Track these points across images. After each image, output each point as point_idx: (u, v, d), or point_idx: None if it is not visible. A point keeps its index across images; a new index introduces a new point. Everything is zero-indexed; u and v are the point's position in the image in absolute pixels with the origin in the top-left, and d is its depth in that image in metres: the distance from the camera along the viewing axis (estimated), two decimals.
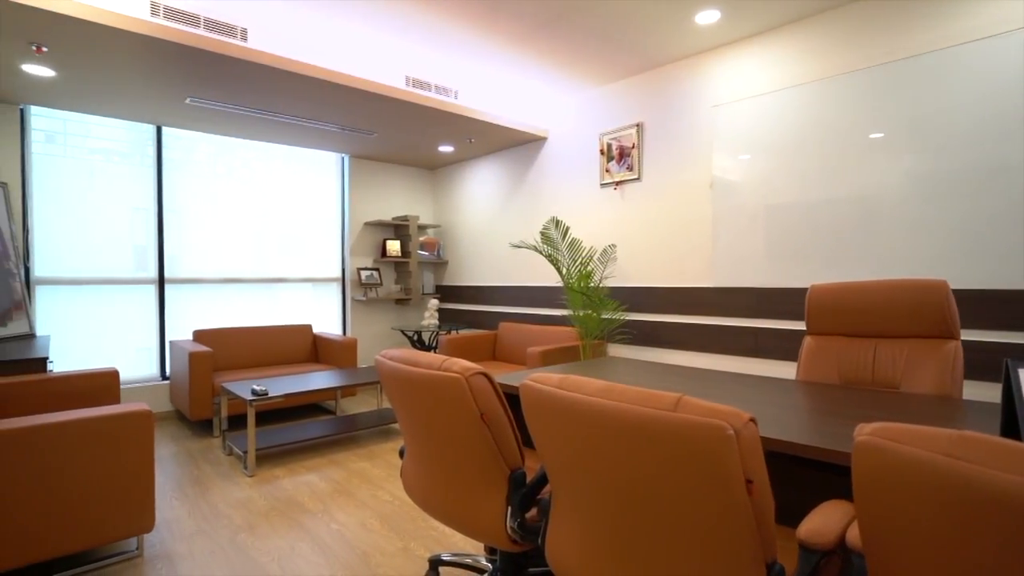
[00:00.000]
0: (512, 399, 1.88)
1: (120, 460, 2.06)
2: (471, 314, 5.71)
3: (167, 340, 4.50)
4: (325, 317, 5.51)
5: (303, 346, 4.91)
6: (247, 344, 4.58)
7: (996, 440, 0.65)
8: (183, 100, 3.76)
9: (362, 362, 5.62)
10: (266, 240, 5.06)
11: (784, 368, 3.24)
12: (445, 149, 5.27)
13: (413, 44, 3.55)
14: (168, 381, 4.47)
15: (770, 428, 1.27)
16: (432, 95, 3.99)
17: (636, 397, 0.92)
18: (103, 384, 2.84)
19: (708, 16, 3.11)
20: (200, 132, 4.59)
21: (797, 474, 1.52)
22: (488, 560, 2.00)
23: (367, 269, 5.64)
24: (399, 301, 5.95)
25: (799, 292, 3.16)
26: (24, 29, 2.70)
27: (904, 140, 2.75)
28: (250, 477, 3.09)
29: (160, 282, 4.47)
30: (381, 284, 5.73)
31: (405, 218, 5.64)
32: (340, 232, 5.60)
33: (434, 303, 5.45)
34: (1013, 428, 1.09)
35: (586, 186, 4.45)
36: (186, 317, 4.62)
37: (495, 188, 5.39)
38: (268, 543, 2.32)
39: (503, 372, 3.78)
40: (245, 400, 3.14)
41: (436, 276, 6.26)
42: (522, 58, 3.74)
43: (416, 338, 5.55)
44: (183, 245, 4.58)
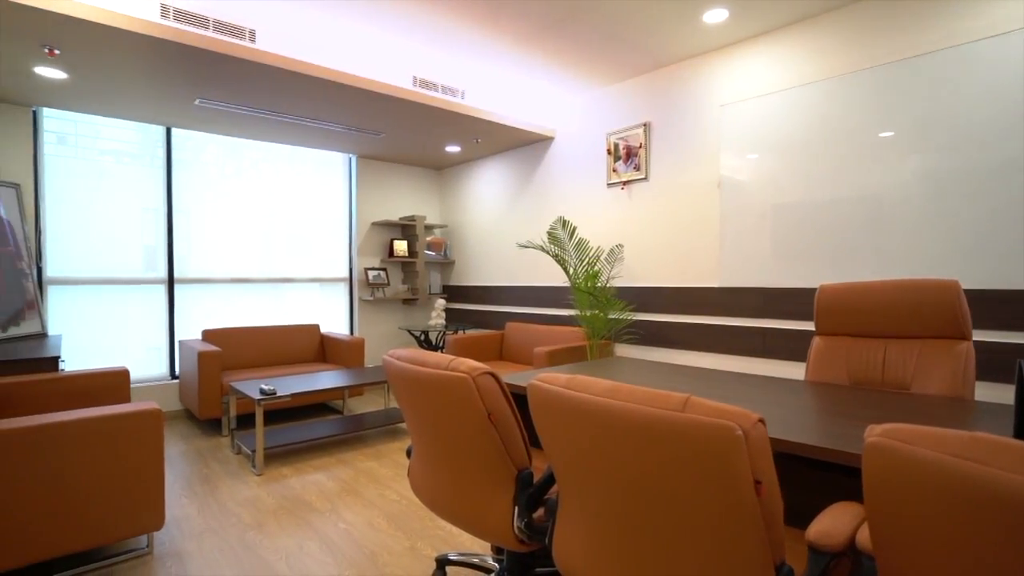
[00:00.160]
0: (519, 399, 1.88)
1: (131, 459, 2.09)
2: (478, 314, 5.72)
3: (176, 339, 4.54)
4: (332, 317, 5.53)
5: (311, 346, 4.94)
6: (255, 344, 4.61)
7: (1009, 442, 0.64)
8: (192, 101, 3.80)
9: (369, 362, 5.65)
10: (274, 240, 5.09)
11: (792, 369, 3.22)
12: (452, 149, 5.28)
13: (420, 44, 3.56)
14: (177, 380, 4.50)
15: (779, 429, 1.26)
16: (439, 95, 4.00)
17: (644, 397, 0.91)
18: (114, 383, 2.87)
19: (716, 15, 3.09)
20: (209, 133, 4.62)
21: (806, 475, 1.51)
22: (495, 560, 2.00)
23: (374, 269, 5.66)
24: (406, 301, 5.97)
25: (807, 292, 3.14)
26: (37, 32, 2.73)
27: (914, 139, 2.72)
28: (258, 476, 3.11)
29: (169, 282, 4.50)
30: (388, 284, 5.74)
31: (412, 218, 5.66)
32: (347, 232, 5.62)
33: (441, 303, 5.47)
34: None
35: (593, 186, 4.44)
36: (195, 317, 4.66)
37: (502, 188, 5.39)
38: (276, 541, 2.33)
39: (510, 372, 3.78)
40: (253, 399, 3.17)
41: (443, 276, 6.27)
42: (529, 58, 3.74)
43: (423, 338, 5.57)
44: (192, 245, 4.62)
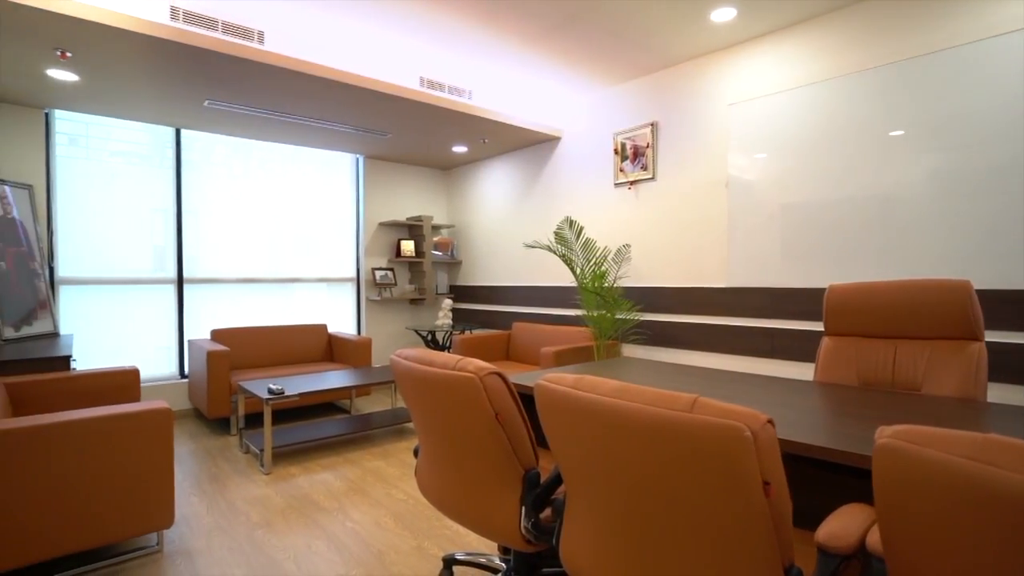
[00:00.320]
0: (526, 399, 1.88)
1: (141, 457, 2.10)
2: (485, 314, 5.72)
3: (185, 339, 4.57)
4: (340, 317, 5.56)
5: (318, 345, 4.96)
6: (263, 343, 4.64)
7: (1021, 444, 0.64)
8: (201, 103, 3.82)
9: (376, 361, 5.66)
10: (282, 240, 5.12)
11: (801, 369, 3.19)
12: (459, 149, 5.29)
13: (427, 45, 3.57)
14: (187, 379, 4.54)
15: (788, 430, 1.26)
16: (446, 95, 4.01)
17: (652, 398, 0.91)
18: (124, 382, 2.90)
19: (724, 14, 3.08)
20: (218, 134, 4.66)
21: (815, 477, 1.50)
22: (502, 560, 2.00)
23: (381, 269, 5.67)
24: (413, 301, 5.99)
25: (816, 292, 3.11)
26: (49, 35, 2.77)
27: (924, 138, 2.70)
28: (266, 475, 3.13)
29: (179, 282, 4.54)
30: (395, 284, 5.76)
31: (419, 218, 5.67)
32: (355, 232, 5.64)
33: (448, 303, 5.47)
34: None
35: (600, 186, 4.43)
36: (204, 316, 4.69)
37: (509, 188, 5.40)
38: (284, 540, 2.34)
39: (517, 372, 3.78)
40: (262, 399, 3.19)
41: (450, 276, 6.28)
42: (536, 58, 3.74)
43: (430, 338, 5.58)
44: (201, 245, 4.65)
